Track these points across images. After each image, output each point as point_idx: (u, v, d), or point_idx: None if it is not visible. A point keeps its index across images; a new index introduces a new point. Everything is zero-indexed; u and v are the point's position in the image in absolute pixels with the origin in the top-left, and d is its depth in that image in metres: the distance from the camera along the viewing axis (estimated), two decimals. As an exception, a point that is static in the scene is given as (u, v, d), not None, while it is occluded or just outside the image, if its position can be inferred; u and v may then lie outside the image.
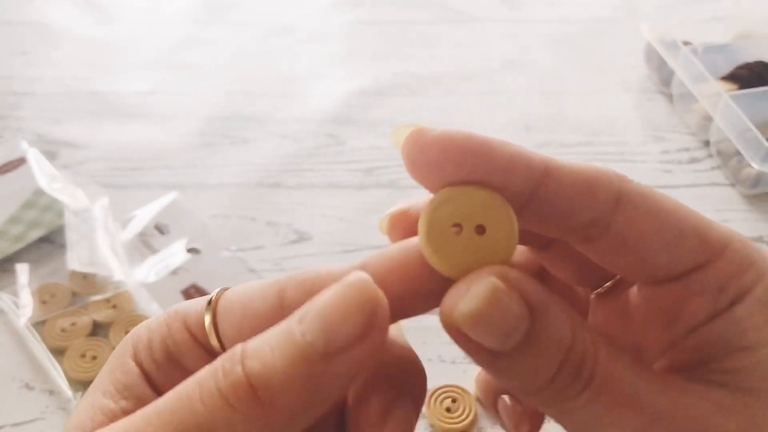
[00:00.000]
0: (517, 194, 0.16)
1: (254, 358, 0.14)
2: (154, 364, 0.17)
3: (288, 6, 0.74)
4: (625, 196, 0.16)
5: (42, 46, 0.67)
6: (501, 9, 0.74)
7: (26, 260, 0.47)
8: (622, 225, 0.16)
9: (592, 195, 0.16)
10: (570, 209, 0.16)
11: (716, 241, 0.17)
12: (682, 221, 0.17)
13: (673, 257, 0.17)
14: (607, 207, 0.16)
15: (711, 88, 0.55)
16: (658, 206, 0.17)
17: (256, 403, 0.14)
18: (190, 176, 0.55)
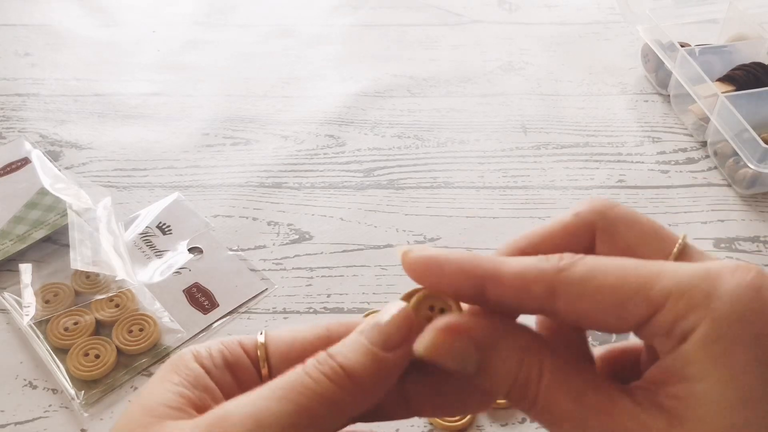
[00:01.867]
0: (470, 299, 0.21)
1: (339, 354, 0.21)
2: (213, 367, 0.22)
3: (289, 9, 0.74)
4: (559, 288, 0.19)
5: (46, 48, 0.68)
6: (499, 11, 0.74)
7: (29, 260, 0.48)
8: (564, 309, 0.20)
9: (527, 293, 0.20)
10: (513, 304, 0.20)
11: (657, 296, 0.19)
12: (623, 288, 0.19)
13: (619, 320, 0.19)
14: (544, 300, 0.20)
15: (708, 89, 0.56)
16: (593, 287, 0.19)
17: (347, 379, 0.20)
18: (192, 177, 0.55)
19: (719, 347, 0.18)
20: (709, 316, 0.18)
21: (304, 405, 0.19)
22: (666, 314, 0.19)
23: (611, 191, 0.55)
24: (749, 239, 0.51)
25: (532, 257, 0.20)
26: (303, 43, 0.70)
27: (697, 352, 0.18)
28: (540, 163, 0.57)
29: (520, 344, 0.20)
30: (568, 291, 0.19)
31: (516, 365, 0.20)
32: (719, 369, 0.18)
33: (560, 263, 0.20)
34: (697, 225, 0.52)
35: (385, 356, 0.21)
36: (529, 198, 0.54)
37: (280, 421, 0.19)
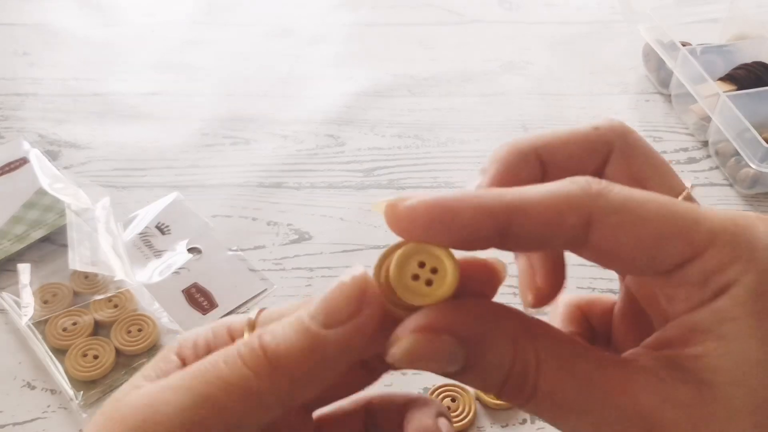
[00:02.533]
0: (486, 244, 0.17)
1: (268, 332, 0.18)
2: (195, 358, 0.19)
3: (288, 8, 0.74)
4: (596, 216, 0.17)
5: (44, 48, 0.68)
6: (500, 11, 0.74)
7: (28, 260, 0.48)
8: (598, 242, 0.17)
9: (560, 225, 0.17)
10: (542, 240, 0.17)
11: (701, 238, 0.17)
12: (663, 225, 0.17)
13: (654, 260, 0.17)
14: (578, 231, 0.17)
15: (709, 88, 0.56)
16: (634, 217, 0.17)
17: (266, 364, 0.17)
18: (191, 176, 0.55)
19: (764, 303, 0.16)
20: (755, 268, 0.16)
21: (206, 395, 0.17)
22: (707, 261, 0.16)
23: (612, 191, 0.55)
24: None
25: (555, 183, 0.17)
26: (303, 42, 0.69)
27: (738, 307, 0.16)
28: (541, 162, 0.57)
29: (510, 331, 0.17)
30: (605, 221, 0.16)
31: (509, 356, 0.17)
32: (763, 326, 0.16)
33: (592, 188, 0.17)
34: (698, 225, 0.52)
35: (322, 334, 0.17)
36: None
37: (174, 415, 0.16)
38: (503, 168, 0.21)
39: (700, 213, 0.17)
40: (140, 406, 0.17)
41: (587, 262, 0.18)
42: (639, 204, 0.17)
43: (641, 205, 0.17)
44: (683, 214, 0.17)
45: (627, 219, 0.17)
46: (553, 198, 0.17)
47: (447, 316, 0.17)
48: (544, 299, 0.21)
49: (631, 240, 0.17)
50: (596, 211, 0.17)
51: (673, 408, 0.16)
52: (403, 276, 0.18)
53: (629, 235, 0.17)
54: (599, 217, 0.17)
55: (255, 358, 0.17)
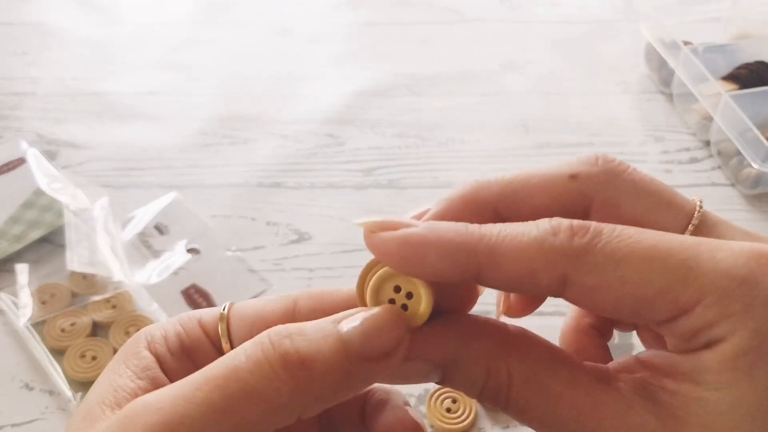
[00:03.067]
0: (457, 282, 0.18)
1: (302, 336, 0.17)
2: (168, 354, 0.19)
3: (288, 7, 0.74)
4: (571, 278, 0.16)
5: (42, 47, 0.67)
6: (500, 10, 0.74)
7: (26, 260, 0.47)
8: (574, 299, 0.17)
9: (533, 282, 0.17)
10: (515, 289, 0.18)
11: (689, 298, 0.16)
12: (647, 287, 0.16)
13: (637, 319, 0.17)
14: (553, 287, 0.17)
15: (711, 88, 0.55)
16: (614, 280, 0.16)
17: (302, 372, 0.16)
18: (190, 176, 0.55)
19: (747, 360, 0.16)
20: (744, 327, 0.16)
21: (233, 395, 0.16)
22: (694, 320, 0.16)
23: (614, 191, 0.54)
24: (753, 239, 0.51)
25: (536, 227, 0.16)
26: (302, 41, 0.69)
27: (721, 363, 0.16)
28: (542, 162, 0.57)
29: (484, 353, 0.18)
30: (582, 283, 0.16)
31: (481, 376, 0.18)
32: (740, 383, 0.16)
33: (573, 243, 0.16)
34: (700, 225, 0.51)
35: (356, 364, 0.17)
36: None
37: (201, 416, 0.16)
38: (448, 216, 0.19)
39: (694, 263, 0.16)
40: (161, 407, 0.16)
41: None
42: (622, 263, 0.16)
43: (625, 264, 0.16)
44: (673, 269, 0.16)
45: (605, 282, 0.16)
46: (526, 252, 0.16)
47: (420, 344, 0.18)
48: (516, 314, 0.22)
49: (608, 302, 0.17)
50: (572, 273, 0.16)
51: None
52: (380, 301, 0.18)
53: (606, 298, 0.16)
54: (575, 279, 0.16)
55: (289, 366, 0.16)
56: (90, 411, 0.17)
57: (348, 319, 0.17)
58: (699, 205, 0.19)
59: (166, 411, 0.16)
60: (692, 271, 0.16)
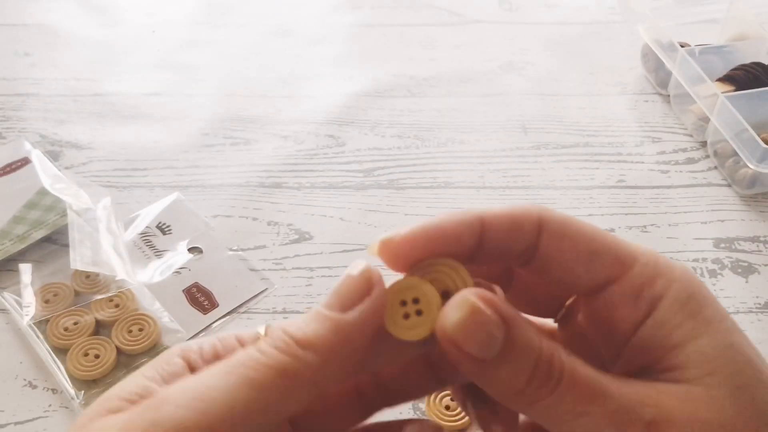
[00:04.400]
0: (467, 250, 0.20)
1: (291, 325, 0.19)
2: (200, 360, 0.20)
3: (288, 8, 0.74)
4: (544, 223, 0.20)
5: (45, 48, 0.68)
6: (499, 11, 0.74)
7: (29, 260, 0.48)
8: (546, 246, 0.20)
9: (520, 228, 0.20)
10: (507, 244, 0.20)
11: (626, 257, 0.20)
12: (595, 241, 0.20)
13: (590, 271, 0.20)
14: (533, 234, 0.20)
15: (708, 89, 0.56)
16: (573, 230, 0.20)
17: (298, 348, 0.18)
18: (192, 177, 0.55)
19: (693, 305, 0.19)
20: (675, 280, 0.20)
21: (253, 378, 0.18)
22: (635, 276, 0.20)
23: (611, 191, 0.55)
24: (749, 239, 0.51)
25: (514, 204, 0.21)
26: (303, 42, 0.69)
27: (675, 315, 0.19)
28: (540, 163, 0.57)
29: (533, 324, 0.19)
30: (552, 229, 0.20)
31: (538, 339, 0.19)
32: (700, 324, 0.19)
33: (542, 206, 0.21)
34: (697, 225, 0.52)
35: (342, 318, 0.19)
36: (530, 198, 0.54)
37: (228, 396, 0.17)
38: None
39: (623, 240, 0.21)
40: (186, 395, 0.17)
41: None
42: (575, 222, 0.21)
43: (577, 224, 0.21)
44: (611, 237, 0.21)
45: (567, 231, 0.20)
46: (512, 209, 0.20)
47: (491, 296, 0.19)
48: None
49: (570, 249, 0.20)
50: (545, 220, 0.20)
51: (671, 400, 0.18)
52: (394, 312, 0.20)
53: (569, 245, 0.20)
54: (547, 225, 0.20)
55: (288, 346, 0.18)
56: (108, 402, 0.18)
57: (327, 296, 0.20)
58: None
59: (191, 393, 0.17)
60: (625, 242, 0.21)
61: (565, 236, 0.20)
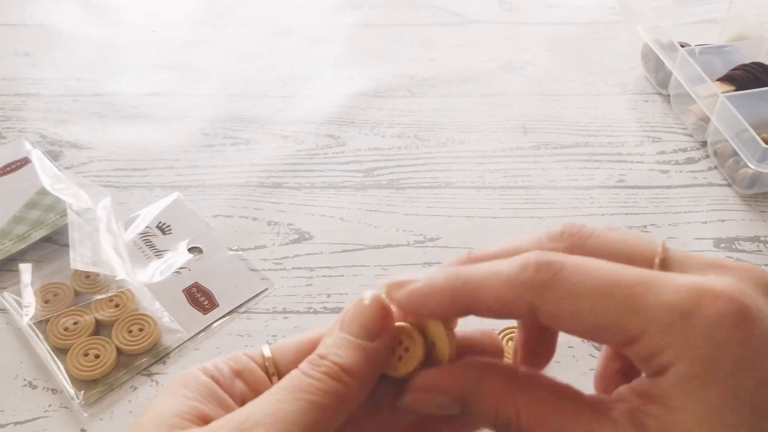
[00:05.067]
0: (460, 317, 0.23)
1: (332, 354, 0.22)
2: (221, 376, 0.23)
3: (288, 9, 0.74)
4: (538, 308, 0.20)
5: (46, 48, 0.68)
6: (499, 11, 0.74)
7: (29, 260, 0.48)
8: (545, 322, 0.21)
9: (509, 311, 0.21)
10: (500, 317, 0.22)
11: (634, 329, 0.19)
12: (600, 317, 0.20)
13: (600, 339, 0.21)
14: (528, 314, 0.21)
15: (708, 89, 0.56)
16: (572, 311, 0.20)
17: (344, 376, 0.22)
18: (192, 177, 0.55)
19: (694, 384, 0.19)
20: (684, 355, 0.19)
21: (317, 402, 0.21)
22: (642, 347, 0.19)
23: (611, 191, 0.55)
24: (749, 239, 0.51)
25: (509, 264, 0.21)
26: (303, 42, 0.70)
27: (675, 387, 0.19)
28: (540, 163, 0.57)
29: (494, 391, 0.22)
30: (547, 311, 0.20)
31: (492, 410, 0.21)
32: (696, 405, 0.19)
33: (536, 278, 0.20)
34: (697, 225, 0.52)
35: (371, 346, 0.22)
36: (529, 198, 0.54)
37: (301, 419, 0.21)
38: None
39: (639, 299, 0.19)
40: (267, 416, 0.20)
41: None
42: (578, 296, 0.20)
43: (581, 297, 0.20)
44: (620, 302, 0.19)
45: (566, 312, 0.20)
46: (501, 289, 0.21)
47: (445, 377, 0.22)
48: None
49: (572, 327, 0.20)
50: (538, 304, 0.20)
51: None
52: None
53: (570, 325, 0.20)
54: (541, 308, 0.20)
55: (337, 373, 0.22)
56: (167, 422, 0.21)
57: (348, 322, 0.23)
58: (663, 245, 0.21)
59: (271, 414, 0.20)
60: (637, 306, 0.19)
61: (563, 318, 0.20)
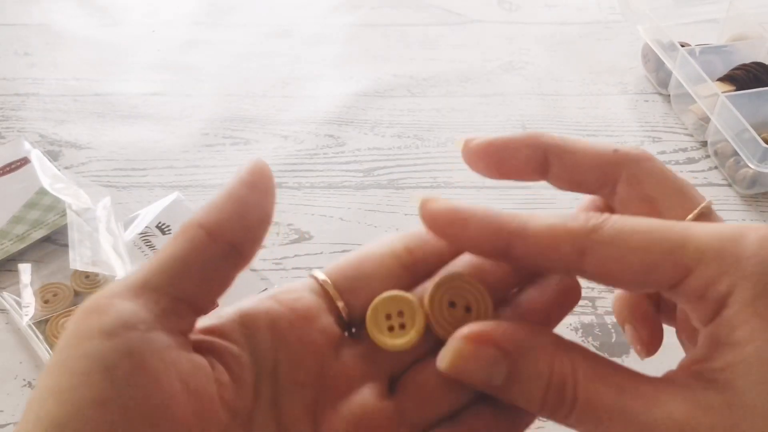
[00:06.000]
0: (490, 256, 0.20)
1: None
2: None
3: (288, 8, 0.74)
4: (588, 249, 0.19)
5: (45, 48, 0.68)
6: (499, 11, 0.74)
7: (29, 260, 0.48)
8: (592, 269, 0.19)
9: (556, 253, 0.19)
10: (540, 263, 0.19)
11: (688, 259, 0.18)
12: (650, 253, 0.18)
13: (647, 283, 0.19)
14: (573, 259, 0.19)
15: (708, 89, 0.56)
16: (623, 249, 0.18)
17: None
18: (191, 176, 0.55)
19: (762, 303, 0.17)
20: (743, 276, 0.18)
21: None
22: (697, 278, 0.18)
23: (611, 191, 0.55)
24: (750, 239, 0.51)
25: (558, 215, 0.19)
26: (303, 43, 0.69)
27: (741, 313, 0.17)
28: (540, 162, 0.57)
29: (547, 346, 0.19)
30: (597, 252, 0.18)
31: (547, 367, 0.18)
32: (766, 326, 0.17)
33: (589, 223, 0.19)
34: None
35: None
36: (529, 197, 0.54)
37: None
38: (500, 145, 0.23)
39: (688, 234, 0.18)
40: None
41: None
42: (630, 235, 0.18)
43: (632, 236, 0.18)
44: (671, 238, 0.18)
45: (616, 251, 0.18)
46: (550, 230, 0.19)
47: (493, 328, 0.19)
48: (651, 351, 0.24)
49: (621, 268, 0.18)
50: (589, 245, 0.18)
51: (705, 415, 0.17)
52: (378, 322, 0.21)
53: (619, 265, 0.18)
54: (591, 249, 0.18)
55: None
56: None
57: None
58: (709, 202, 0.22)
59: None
60: (689, 237, 0.18)
61: (614, 258, 0.18)
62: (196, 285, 0.19)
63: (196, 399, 0.18)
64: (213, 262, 0.19)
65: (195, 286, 0.19)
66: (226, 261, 0.19)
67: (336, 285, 0.22)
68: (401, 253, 0.22)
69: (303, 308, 0.21)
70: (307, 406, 0.20)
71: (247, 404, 0.19)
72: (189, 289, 0.19)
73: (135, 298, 0.18)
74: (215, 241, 0.19)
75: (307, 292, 0.22)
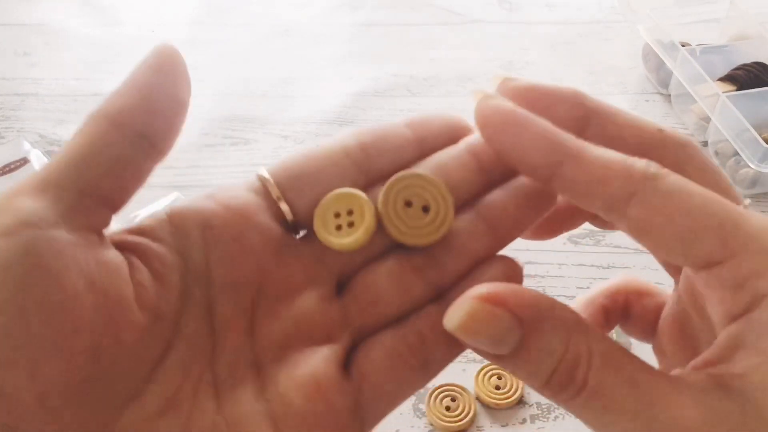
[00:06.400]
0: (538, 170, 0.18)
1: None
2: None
3: (289, 8, 0.74)
4: (639, 194, 0.17)
5: (45, 48, 0.68)
6: (499, 11, 0.74)
7: (29, 260, 0.48)
8: (635, 216, 0.17)
9: (606, 187, 0.17)
10: (584, 192, 0.18)
11: (736, 241, 0.17)
12: (701, 219, 0.17)
13: (687, 251, 0.17)
14: (619, 199, 0.17)
15: (709, 89, 0.56)
16: (675, 206, 0.17)
17: None
18: (191, 176, 0.55)
19: None
20: None
21: None
22: (740, 264, 0.16)
23: (612, 191, 0.55)
24: (750, 239, 0.51)
25: (622, 155, 0.18)
26: (303, 42, 0.69)
27: None
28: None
29: (565, 322, 0.17)
30: (647, 200, 0.17)
31: (562, 344, 0.17)
32: None
33: (650, 169, 0.17)
34: (698, 225, 0.52)
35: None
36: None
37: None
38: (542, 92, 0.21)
39: (743, 219, 0.17)
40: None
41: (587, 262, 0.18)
42: (686, 195, 0.17)
43: (687, 197, 0.17)
44: (725, 214, 0.17)
45: (668, 206, 0.17)
46: (610, 161, 0.17)
47: (509, 291, 0.17)
48: (543, 234, 0.22)
49: (666, 224, 0.17)
50: (641, 190, 0.17)
51: (719, 424, 0.16)
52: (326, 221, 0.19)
53: (665, 220, 0.17)
54: (643, 195, 0.17)
55: None
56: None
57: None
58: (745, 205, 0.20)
59: None
60: (743, 222, 0.17)
61: (662, 212, 0.17)
62: (104, 178, 0.17)
63: (104, 298, 0.16)
64: (120, 153, 0.18)
65: (102, 179, 0.17)
66: (136, 151, 0.18)
67: (279, 183, 0.20)
68: (353, 150, 0.20)
69: (239, 206, 0.19)
70: (244, 310, 0.18)
71: (172, 307, 0.17)
72: (96, 183, 0.17)
73: (37, 195, 0.17)
74: (120, 130, 0.18)
75: (246, 190, 0.20)
